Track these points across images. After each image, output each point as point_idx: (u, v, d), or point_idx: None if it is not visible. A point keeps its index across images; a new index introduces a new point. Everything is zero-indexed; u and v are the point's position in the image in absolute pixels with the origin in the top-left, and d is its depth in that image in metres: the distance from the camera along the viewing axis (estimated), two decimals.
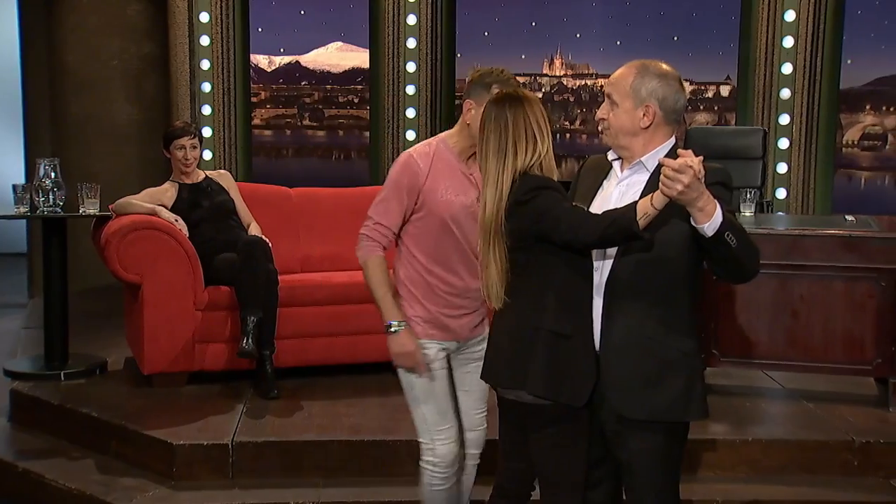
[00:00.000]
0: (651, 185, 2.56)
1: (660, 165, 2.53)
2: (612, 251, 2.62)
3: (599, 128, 2.72)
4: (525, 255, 2.68)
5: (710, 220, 2.39)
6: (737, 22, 7.49)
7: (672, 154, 2.56)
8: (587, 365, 2.64)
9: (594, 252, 2.66)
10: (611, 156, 2.74)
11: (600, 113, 2.69)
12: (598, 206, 2.66)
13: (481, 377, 2.85)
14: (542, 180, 2.66)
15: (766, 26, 7.33)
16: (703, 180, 2.36)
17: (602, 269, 2.64)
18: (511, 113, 2.71)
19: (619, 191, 2.66)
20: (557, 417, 2.67)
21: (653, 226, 2.49)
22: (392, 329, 3.15)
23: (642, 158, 2.64)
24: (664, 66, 2.66)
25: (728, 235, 2.41)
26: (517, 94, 2.77)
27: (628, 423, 2.63)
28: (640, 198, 2.53)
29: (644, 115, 2.62)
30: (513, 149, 2.70)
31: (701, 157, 2.37)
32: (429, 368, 3.16)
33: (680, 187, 2.34)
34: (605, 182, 2.73)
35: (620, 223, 2.47)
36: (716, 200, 2.40)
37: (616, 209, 2.54)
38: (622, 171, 2.69)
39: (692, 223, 2.43)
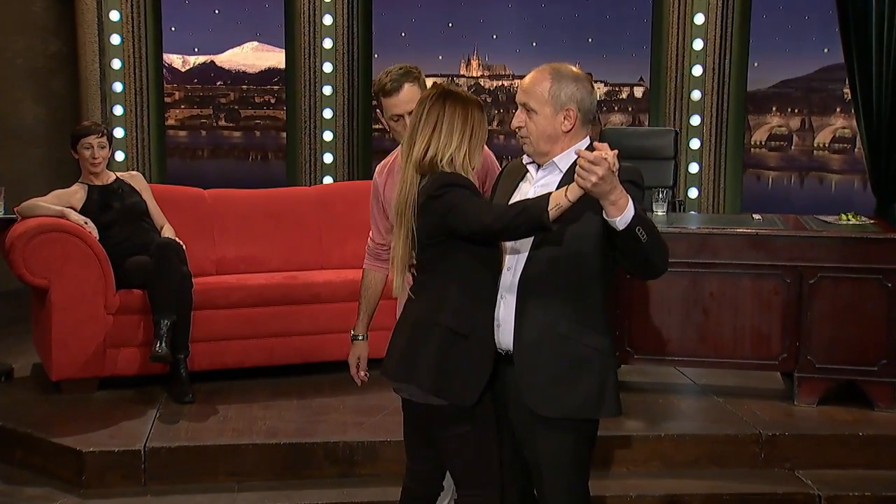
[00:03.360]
0: (563, 185, 2.58)
1: (573, 164, 2.56)
2: (526, 249, 2.63)
3: (519, 133, 2.70)
4: (434, 251, 2.68)
5: (622, 214, 2.42)
6: (649, 24, 7.62)
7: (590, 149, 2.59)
8: (481, 366, 2.65)
9: (507, 250, 2.67)
10: (525, 160, 2.76)
11: (516, 122, 2.69)
12: None
13: (381, 372, 2.81)
14: (454, 177, 2.66)
15: (676, 29, 7.46)
16: (617, 174, 2.39)
17: (515, 268, 2.66)
18: (428, 106, 2.71)
19: (533, 191, 2.68)
20: (458, 418, 2.66)
21: (566, 222, 2.51)
22: (352, 338, 3.25)
23: (555, 159, 2.67)
24: (574, 68, 2.70)
25: (639, 230, 2.45)
26: (445, 89, 2.76)
27: (539, 423, 2.64)
28: None
29: (565, 118, 2.65)
30: (413, 140, 2.71)
31: (616, 151, 2.41)
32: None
33: (594, 178, 2.36)
34: (521, 184, 2.75)
35: (530, 212, 2.48)
36: (628, 195, 2.43)
37: (528, 199, 2.55)
38: (537, 172, 2.72)
39: (604, 216, 2.46)
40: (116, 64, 7.43)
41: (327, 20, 7.60)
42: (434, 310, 2.67)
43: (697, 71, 7.43)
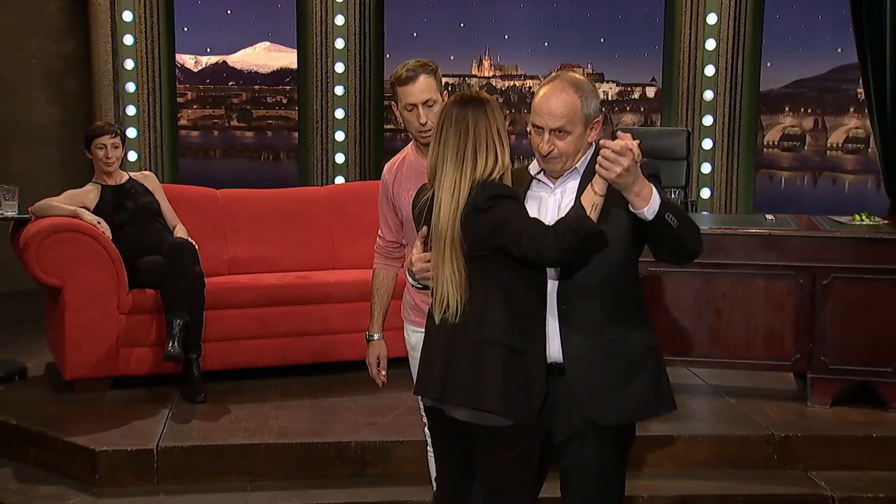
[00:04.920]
0: (584, 187, 2.54)
1: (588, 163, 2.55)
2: None
3: (549, 156, 2.59)
4: (478, 265, 2.57)
5: (649, 204, 2.39)
6: (661, 24, 7.60)
7: (596, 152, 2.55)
8: (539, 382, 2.56)
9: None
10: (534, 169, 2.69)
11: (546, 146, 2.57)
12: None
13: (418, 392, 2.70)
14: (502, 188, 2.55)
15: (689, 29, 7.45)
16: (639, 164, 2.36)
17: (553, 277, 2.60)
18: (473, 118, 2.58)
19: (554, 199, 2.64)
20: (514, 438, 2.56)
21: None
22: (367, 339, 3.23)
23: (576, 165, 2.64)
24: (582, 77, 2.67)
25: (668, 216, 2.41)
26: (479, 97, 2.65)
27: (588, 432, 2.58)
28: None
29: (593, 130, 2.62)
30: (472, 156, 2.55)
31: (638, 141, 2.37)
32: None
33: (619, 169, 2.32)
34: (529, 193, 2.68)
35: (574, 226, 2.40)
36: (651, 184, 2.40)
37: (563, 218, 2.47)
38: (553, 181, 2.66)
39: (631, 210, 2.42)
40: (129, 64, 7.46)
41: (339, 20, 7.61)
42: (482, 327, 2.54)
43: (710, 71, 7.42)
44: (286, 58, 7.94)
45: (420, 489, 3.75)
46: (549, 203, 2.64)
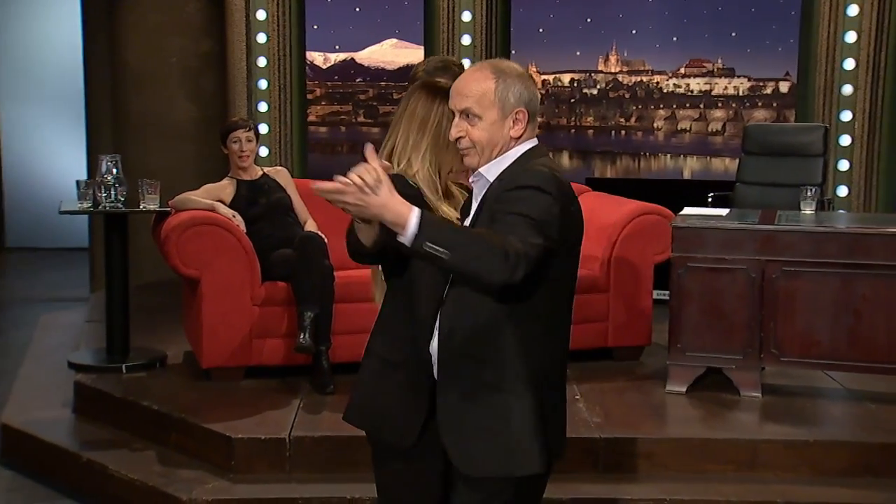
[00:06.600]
0: (485, 199, 2.33)
1: (505, 171, 2.33)
2: (444, 284, 2.35)
3: (460, 144, 2.36)
4: (385, 267, 2.44)
5: (405, 234, 2.06)
6: (797, 17, 7.36)
7: (517, 162, 2.33)
8: (417, 401, 2.35)
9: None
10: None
11: (455, 132, 2.34)
12: None
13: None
14: (400, 186, 2.26)
15: (828, 21, 7.20)
16: (377, 191, 2.06)
17: (441, 300, 2.38)
18: (406, 100, 2.49)
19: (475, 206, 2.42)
20: (408, 452, 2.39)
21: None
22: None
23: (481, 169, 2.36)
24: (514, 63, 2.40)
25: (429, 247, 2.05)
26: (424, 80, 2.55)
27: (459, 476, 2.39)
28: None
29: (515, 123, 2.33)
30: (390, 137, 2.48)
31: (378, 167, 2.08)
32: None
33: (350, 207, 2.09)
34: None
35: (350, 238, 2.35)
36: (412, 208, 2.07)
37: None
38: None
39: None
40: (262, 62, 7.66)
41: (466, 17, 7.64)
42: (372, 332, 2.45)
43: (849, 65, 7.15)
44: (413, 54, 8.01)
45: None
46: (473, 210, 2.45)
